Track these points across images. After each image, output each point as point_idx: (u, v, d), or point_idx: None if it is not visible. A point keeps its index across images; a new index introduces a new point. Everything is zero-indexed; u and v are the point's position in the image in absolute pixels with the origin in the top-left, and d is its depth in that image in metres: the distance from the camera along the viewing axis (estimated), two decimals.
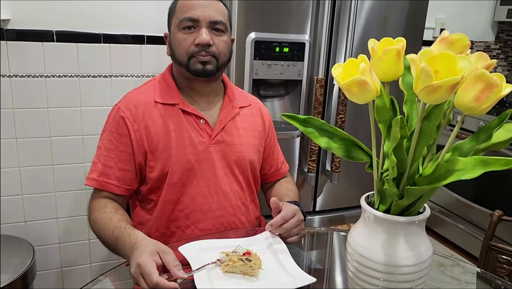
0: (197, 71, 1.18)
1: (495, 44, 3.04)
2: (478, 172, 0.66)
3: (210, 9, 1.17)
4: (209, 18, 1.17)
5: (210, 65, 1.19)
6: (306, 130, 0.82)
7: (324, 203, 2.01)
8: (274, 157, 1.42)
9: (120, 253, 1.06)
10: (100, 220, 1.13)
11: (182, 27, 1.18)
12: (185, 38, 1.18)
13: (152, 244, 0.97)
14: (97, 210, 1.16)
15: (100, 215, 1.14)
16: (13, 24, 1.72)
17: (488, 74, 0.63)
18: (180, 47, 1.19)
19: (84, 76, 1.86)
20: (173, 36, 1.21)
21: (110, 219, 1.11)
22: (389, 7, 1.84)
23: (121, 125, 1.19)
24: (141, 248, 0.95)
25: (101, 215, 1.14)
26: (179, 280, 0.93)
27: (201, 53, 1.17)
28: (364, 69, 0.70)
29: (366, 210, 0.79)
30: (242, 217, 1.30)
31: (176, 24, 1.19)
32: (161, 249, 0.94)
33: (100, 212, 1.15)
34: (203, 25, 1.17)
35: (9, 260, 1.65)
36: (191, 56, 1.17)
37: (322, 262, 1.23)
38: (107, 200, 1.18)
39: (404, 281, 0.77)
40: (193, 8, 1.16)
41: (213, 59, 1.18)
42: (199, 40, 1.16)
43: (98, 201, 1.18)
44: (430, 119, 0.71)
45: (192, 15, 1.16)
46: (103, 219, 1.12)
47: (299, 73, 1.76)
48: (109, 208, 1.15)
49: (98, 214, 1.15)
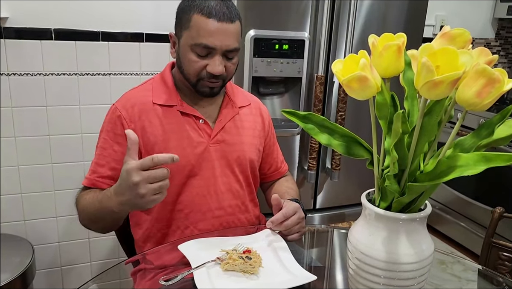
0: (204, 93, 1.18)
1: (495, 41, 3.03)
2: (480, 168, 0.66)
3: (228, 37, 1.11)
4: (225, 47, 1.12)
5: (217, 89, 1.18)
6: (306, 127, 0.82)
7: (325, 201, 2.00)
8: (274, 156, 1.42)
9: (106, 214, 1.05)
10: (84, 199, 1.13)
11: (195, 50, 1.12)
12: (197, 62, 1.13)
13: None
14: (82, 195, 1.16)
15: (84, 196, 1.14)
16: (12, 22, 1.71)
17: (490, 70, 0.62)
18: (191, 68, 1.15)
19: (83, 74, 1.86)
20: (184, 51, 1.15)
21: (94, 192, 1.12)
22: (389, 4, 1.83)
23: (117, 125, 1.18)
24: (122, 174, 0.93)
25: (85, 196, 1.14)
26: (179, 280, 0.93)
27: (211, 80, 1.15)
28: (364, 65, 0.69)
29: (367, 207, 0.79)
30: (241, 217, 1.29)
31: (189, 43, 1.12)
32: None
33: (85, 194, 1.15)
34: (218, 53, 1.12)
35: (8, 259, 1.64)
36: (200, 79, 1.15)
37: (322, 260, 1.22)
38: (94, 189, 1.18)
39: (405, 278, 0.76)
40: (211, 35, 1.09)
41: (221, 82, 1.18)
42: (212, 71, 1.12)
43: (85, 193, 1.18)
44: (431, 115, 0.70)
45: (209, 43, 1.10)
46: (88, 197, 1.13)
47: (298, 71, 1.75)
48: (93, 190, 1.15)
49: (83, 197, 1.15)
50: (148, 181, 0.89)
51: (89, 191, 1.16)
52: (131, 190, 0.90)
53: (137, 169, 0.89)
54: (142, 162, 0.89)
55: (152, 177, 0.89)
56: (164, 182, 0.91)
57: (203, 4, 1.10)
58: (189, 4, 1.13)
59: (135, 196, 0.91)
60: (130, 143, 0.92)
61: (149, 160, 0.89)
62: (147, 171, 0.89)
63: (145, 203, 0.92)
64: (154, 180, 0.90)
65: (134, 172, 0.89)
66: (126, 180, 0.91)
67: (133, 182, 0.89)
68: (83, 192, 1.18)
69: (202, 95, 1.19)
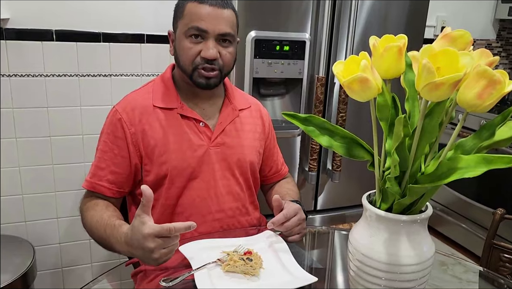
0: (201, 84, 1.18)
1: (496, 42, 3.03)
2: (481, 170, 0.66)
3: (220, 20, 1.13)
4: (218, 31, 1.13)
5: (214, 79, 1.18)
6: (307, 129, 0.82)
7: (325, 202, 2.00)
8: (274, 158, 1.42)
9: (114, 249, 1.06)
10: (91, 218, 1.13)
11: (189, 35, 1.14)
12: (191, 48, 1.15)
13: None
14: (88, 209, 1.16)
15: (91, 213, 1.14)
16: (13, 24, 1.71)
17: (491, 71, 0.62)
18: (185, 56, 1.16)
19: (83, 76, 1.86)
20: (179, 41, 1.18)
21: (101, 216, 1.11)
22: (389, 5, 1.83)
23: (118, 128, 1.18)
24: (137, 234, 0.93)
25: (91, 213, 1.14)
26: (179, 281, 0.93)
27: (206, 66, 1.15)
28: (365, 66, 0.69)
29: (367, 209, 0.79)
30: (242, 219, 1.29)
31: (183, 30, 1.15)
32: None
33: (91, 211, 1.15)
34: (211, 37, 1.14)
35: (9, 260, 1.64)
36: (196, 67, 1.16)
37: (323, 261, 1.22)
38: (98, 199, 1.18)
39: (406, 280, 0.76)
40: (202, 18, 1.12)
41: (217, 72, 1.17)
42: (205, 54, 1.13)
43: (89, 200, 1.18)
44: (432, 117, 0.70)
45: (201, 25, 1.12)
46: (94, 217, 1.12)
47: (299, 72, 1.75)
48: (100, 205, 1.16)
49: (89, 212, 1.15)
50: (162, 247, 0.92)
51: (95, 204, 1.16)
52: (144, 251, 0.92)
53: (154, 236, 0.91)
54: (159, 230, 0.91)
55: (166, 243, 0.92)
56: (175, 246, 0.95)
57: None
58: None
59: (147, 257, 0.93)
60: (146, 200, 0.93)
61: (167, 231, 0.91)
62: (162, 238, 0.91)
63: (156, 264, 0.95)
64: (167, 245, 0.93)
65: (151, 238, 0.91)
66: (140, 242, 0.92)
67: (148, 248, 0.91)
68: (89, 202, 1.18)
69: (199, 86, 1.18)
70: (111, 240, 1.04)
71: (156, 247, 0.91)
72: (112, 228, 1.05)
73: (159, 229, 0.90)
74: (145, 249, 0.91)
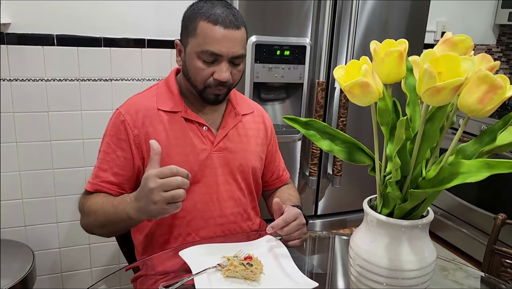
0: (210, 100, 1.19)
1: (496, 47, 3.03)
2: (483, 174, 0.65)
3: (234, 43, 1.12)
4: (231, 54, 1.12)
5: (222, 96, 1.19)
6: (308, 133, 0.82)
7: (326, 207, 2.00)
8: (276, 164, 1.41)
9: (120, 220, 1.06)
10: (94, 203, 1.14)
11: (202, 58, 1.13)
12: (204, 69, 1.14)
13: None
14: (90, 199, 1.16)
15: (94, 200, 1.15)
16: (14, 28, 1.72)
17: (492, 76, 0.62)
18: (198, 75, 1.15)
19: (84, 80, 1.86)
20: (190, 59, 1.15)
21: (106, 197, 1.13)
22: (390, 10, 1.83)
23: (121, 130, 1.18)
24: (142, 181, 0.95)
25: (95, 200, 1.14)
26: (178, 286, 0.92)
27: (218, 87, 1.15)
28: (366, 71, 0.69)
29: (368, 214, 0.78)
30: (243, 224, 1.29)
31: (196, 50, 1.12)
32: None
33: (93, 198, 1.15)
34: (225, 59, 1.13)
35: (9, 265, 1.64)
36: (207, 86, 1.16)
37: (324, 266, 1.22)
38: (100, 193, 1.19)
39: (408, 285, 0.76)
40: (217, 42, 1.10)
41: (227, 89, 1.18)
42: (219, 77, 1.13)
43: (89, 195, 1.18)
44: (433, 121, 0.70)
45: (216, 50, 1.10)
46: (99, 200, 1.13)
47: (300, 77, 1.75)
48: (103, 194, 1.16)
49: (92, 200, 1.15)
50: (163, 189, 0.91)
51: (97, 194, 1.17)
52: (146, 196, 0.93)
53: (155, 176, 0.91)
54: (161, 169, 0.92)
55: (167, 184, 0.91)
56: (177, 191, 0.92)
57: (210, 12, 1.11)
58: (195, 12, 1.14)
59: (149, 202, 0.93)
60: (153, 154, 0.94)
61: (168, 169, 0.92)
62: (163, 179, 0.91)
63: (156, 211, 0.94)
64: (168, 188, 0.91)
65: (152, 178, 0.91)
66: (143, 185, 0.93)
67: (148, 188, 0.91)
68: (90, 195, 1.18)
69: (207, 102, 1.20)
70: (119, 208, 1.05)
71: (156, 187, 0.91)
72: (121, 197, 1.08)
73: (160, 169, 0.92)
74: (147, 193, 0.92)
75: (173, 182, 0.92)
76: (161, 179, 0.91)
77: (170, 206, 0.93)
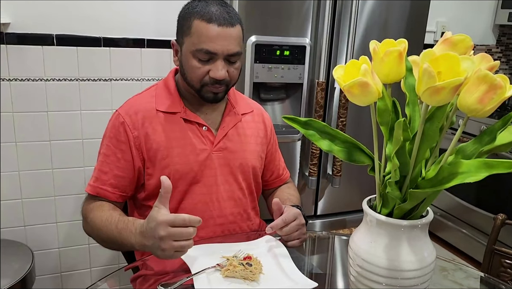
0: (208, 99, 1.18)
1: (496, 47, 3.03)
2: (482, 174, 0.65)
3: (229, 41, 1.11)
4: (227, 52, 1.12)
5: (221, 94, 1.18)
6: (307, 133, 0.82)
7: (325, 207, 2.00)
8: (276, 163, 1.41)
9: (125, 245, 1.06)
10: (99, 217, 1.13)
11: (197, 56, 1.12)
12: (200, 67, 1.13)
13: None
14: (93, 209, 1.16)
15: (98, 213, 1.14)
16: (14, 28, 1.72)
17: (492, 76, 0.62)
18: (194, 74, 1.15)
19: (84, 80, 1.86)
20: (186, 58, 1.15)
21: (111, 215, 1.11)
22: (389, 10, 1.83)
23: (120, 132, 1.18)
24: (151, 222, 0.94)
25: (99, 214, 1.13)
26: (177, 285, 0.92)
27: (215, 85, 1.15)
28: (365, 70, 0.69)
29: (368, 214, 0.78)
30: (243, 225, 1.29)
31: (191, 49, 1.12)
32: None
33: (97, 211, 1.14)
34: (220, 57, 1.12)
35: (8, 265, 1.64)
36: (204, 85, 1.15)
37: (323, 266, 1.21)
38: (103, 201, 1.18)
39: (407, 285, 0.76)
40: (212, 40, 1.10)
41: (225, 87, 1.18)
42: (215, 76, 1.12)
43: (93, 203, 1.18)
44: (432, 121, 0.70)
45: (210, 48, 1.10)
46: (103, 216, 1.12)
47: (299, 77, 1.75)
48: (106, 206, 1.16)
49: (95, 213, 1.14)
50: (173, 238, 0.91)
51: (101, 205, 1.16)
52: (154, 240, 0.93)
53: (167, 225, 0.91)
54: (174, 219, 0.91)
55: (178, 235, 0.91)
56: (187, 242, 0.93)
57: (204, 10, 1.11)
58: (189, 11, 1.13)
59: (157, 247, 0.93)
60: (164, 191, 0.93)
61: (181, 220, 0.91)
62: (175, 228, 0.91)
63: (163, 256, 0.94)
64: (179, 238, 0.91)
65: (163, 226, 0.91)
66: (153, 230, 0.92)
67: (159, 235, 0.91)
68: (93, 204, 1.18)
69: (206, 101, 1.19)
70: (123, 235, 1.04)
71: (166, 236, 0.90)
72: (125, 223, 1.05)
73: (173, 218, 0.91)
74: (155, 237, 0.91)
75: (185, 233, 0.91)
76: (172, 227, 0.91)
77: (177, 253, 0.93)
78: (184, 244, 0.92)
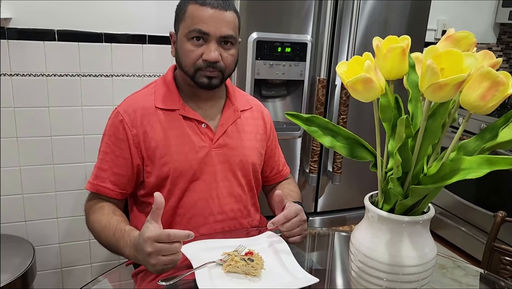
0: (203, 84, 1.18)
1: (496, 46, 3.03)
2: (484, 171, 0.66)
3: (221, 23, 1.13)
4: (219, 33, 1.13)
5: (216, 80, 1.18)
6: (310, 129, 0.82)
7: (326, 204, 2.00)
8: (275, 159, 1.41)
9: (122, 254, 1.06)
10: (98, 222, 1.13)
11: (190, 37, 1.14)
12: (193, 50, 1.14)
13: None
14: (94, 211, 1.16)
15: (97, 216, 1.14)
16: (15, 23, 1.71)
17: (495, 72, 0.63)
18: (187, 58, 1.16)
19: (85, 76, 1.86)
20: (180, 43, 1.17)
21: (109, 221, 1.11)
22: (391, 8, 1.83)
23: (119, 130, 1.18)
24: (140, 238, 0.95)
25: (99, 217, 1.14)
26: (178, 280, 0.93)
27: (208, 69, 1.15)
28: (369, 66, 0.69)
29: (370, 210, 0.79)
30: (243, 221, 1.29)
31: (185, 32, 1.15)
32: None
33: (97, 214, 1.15)
34: (213, 39, 1.13)
35: (9, 260, 1.64)
36: (198, 69, 1.16)
37: (323, 263, 1.22)
38: (103, 202, 1.19)
39: (408, 281, 0.76)
40: (204, 21, 1.12)
41: (219, 73, 1.17)
42: (207, 57, 1.13)
43: (94, 202, 1.19)
44: (435, 118, 0.70)
45: (202, 28, 1.12)
46: (102, 221, 1.13)
47: (301, 74, 1.75)
48: (106, 209, 1.16)
49: (95, 215, 1.15)
50: (160, 254, 0.91)
51: (100, 207, 1.17)
52: (144, 255, 0.93)
53: (153, 241, 0.91)
54: (158, 234, 0.91)
55: (165, 250, 0.92)
56: (175, 256, 0.93)
57: None
58: (185, 0, 1.17)
59: (146, 263, 0.94)
60: (156, 207, 0.94)
61: (166, 236, 0.91)
62: (161, 243, 0.91)
63: (155, 271, 0.94)
64: (166, 252, 0.92)
65: (149, 242, 0.91)
66: (141, 245, 0.93)
67: (146, 252, 0.92)
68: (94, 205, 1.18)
69: (201, 87, 1.18)
70: (120, 244, 1.05)
71: (153, 252, 0.91)
72: (122, 233, 1.06)
73: (158, 233, 0.91)
74: (144, 253, 0.92)
75: (172, 248, 0.92)
76: (158, 243, 0.91)
77: (167, 266, 0.94)
78: (172, 258, 0.93)
